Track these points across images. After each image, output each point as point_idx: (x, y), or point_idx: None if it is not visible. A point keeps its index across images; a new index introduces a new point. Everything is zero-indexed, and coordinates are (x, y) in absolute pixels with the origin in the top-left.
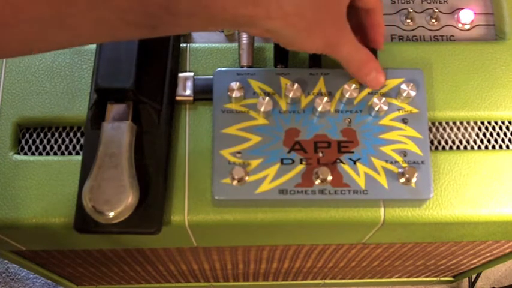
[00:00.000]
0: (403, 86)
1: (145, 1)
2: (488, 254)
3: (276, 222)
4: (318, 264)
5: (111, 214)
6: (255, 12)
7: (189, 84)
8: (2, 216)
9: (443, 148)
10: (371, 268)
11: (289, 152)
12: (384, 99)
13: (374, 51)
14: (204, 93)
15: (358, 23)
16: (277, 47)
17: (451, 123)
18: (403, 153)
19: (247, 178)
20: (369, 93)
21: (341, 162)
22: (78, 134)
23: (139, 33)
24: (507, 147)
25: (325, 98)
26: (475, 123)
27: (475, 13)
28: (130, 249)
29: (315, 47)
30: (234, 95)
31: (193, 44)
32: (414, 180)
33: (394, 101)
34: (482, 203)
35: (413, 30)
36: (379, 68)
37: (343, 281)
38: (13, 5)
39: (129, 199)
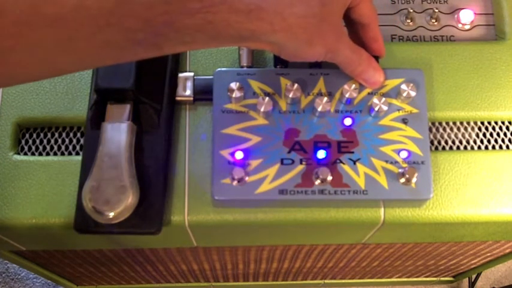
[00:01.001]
0: (403, 86)
1: (152, 18)
2: (488, 254)
3: (276, 222)
4: (318, 264)
5: (111, 214)
6: (259, 26)
7: (189, 84)
8: (2, 216)
9: (443, 148)
10: (371, 268)
11: (289, 152)
12: (383, 99)
13: (375, 57)
14: (204, 93)
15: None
16: None
17: (451, 123)
18: (403, 153)
19: (247, 178)
20: (368, 93)
21: (341, 162)
22: (78, 134)
23: (145, 53)
24: (507, 147)
25: (325, 98)
26: (475, 123)
27: (475, 13)
28: (130, 249)
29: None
30: (234, 95)
31: None
32: (414, 180)
33: (394, 101)
34: (482, 203)
35: (413, 30)
36: (377, 67)
37: (343, 281)
38: (15, 29)
39: (129, 199)
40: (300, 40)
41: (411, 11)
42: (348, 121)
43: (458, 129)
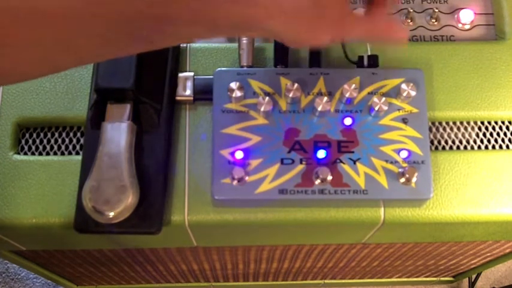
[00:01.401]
0: (403, 86)
1: (148, 12)
2: (488, 254)
3: (276, 222)
4: (318, 264)
5: (111, 214)
6: (255, 12)
7: (189, 84)
8: (2, 216)
9: (443, 148)
10: (371, 268)
11: (289, 152)
12: (383, 99)
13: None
14: (204, 93)
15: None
16: (277, 47)
17: (451, 123)
18: (403, 153)
19: (247, 178)
20: (368, 93)
21: (341, 162)
22: (78, 134)
23: (141, 47)
24: (507, 147)
25: (325, 98)
26: (475, 123)
27: (475, 13)
28: (130, 249)
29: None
30: (234, 95)
31: (193, 44)
32: (414, 180)
33: (394, 101)
34: (482, 203)
35: (413, 30)
36: (393, 25)
37: (343, 281)
38: (13, 27)
39: (129, 199)
40: (298, 25)
41: (411, 11)
42: (348, 121)
43: (458, 129)
